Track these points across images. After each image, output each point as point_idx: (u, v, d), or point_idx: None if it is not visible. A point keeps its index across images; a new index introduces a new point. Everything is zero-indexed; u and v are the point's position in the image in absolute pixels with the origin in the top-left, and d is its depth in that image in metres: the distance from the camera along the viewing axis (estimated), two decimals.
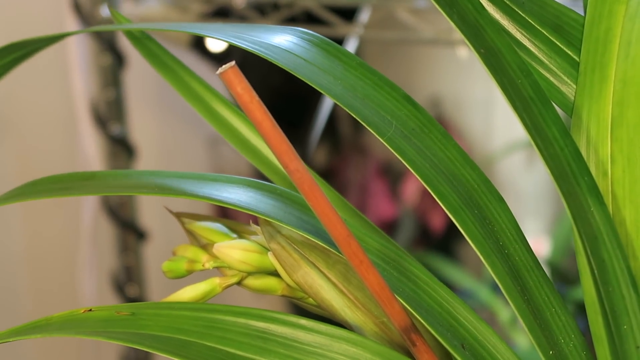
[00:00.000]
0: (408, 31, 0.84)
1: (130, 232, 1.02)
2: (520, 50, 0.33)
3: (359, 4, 0.90)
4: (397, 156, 0.30)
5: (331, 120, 1.33)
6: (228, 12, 0.94)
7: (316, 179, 0.37)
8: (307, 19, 0.90)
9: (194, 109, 0.39)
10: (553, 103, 0.31)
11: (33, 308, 1.14)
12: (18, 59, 0.38)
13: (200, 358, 0.28)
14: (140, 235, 1.03)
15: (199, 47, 1.02)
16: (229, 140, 0.39)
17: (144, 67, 0.44)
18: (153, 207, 1.10)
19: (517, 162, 1.46)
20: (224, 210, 1.16)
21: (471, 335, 0.31)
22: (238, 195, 0.32)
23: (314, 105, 1.13)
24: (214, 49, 1.02)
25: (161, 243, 1.08)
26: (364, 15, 0.92)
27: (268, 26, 0.34)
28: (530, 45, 0.33)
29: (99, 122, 0.97)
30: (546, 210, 1.48)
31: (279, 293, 0.35)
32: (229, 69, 0.23)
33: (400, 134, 0.31)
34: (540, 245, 1.34)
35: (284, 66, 0.30)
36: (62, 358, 1.17)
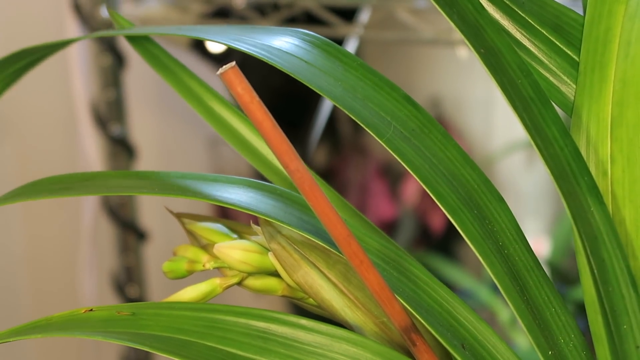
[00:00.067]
0: (408, 31, 0.84)
1: (130, 233, 1.02)
2: (520, 50, 0.33)
3: (359, 4, 0.90)
4: (396, 157, 0.30)
5: (331, 121, 1.33)
6: (228, 13, 0.94)
7: (316, 179, 0.37)
8: (307, 20, 0.90)
9: (194, 110, 0.39)
10: (553, 103, 0.31)
11: (33, 308, 1.14)
12: (28, 65, 0.38)
13: (200, 358, 0.28)
14: (141, 236, 1.03)
15: (199, 48, 1.02)
16: (228, 141, 0.39)
17: (144, 68, 0.44)
18: (153, 208, 1.10)
19: (517, 162, 1.46)
20: (224, 210, 1.16)
21: (471, 335, 0.31)
22: (238, 195, 0.32)
23: (314, 106, 1.13)
24: (214, 49, 1.02)
25: (161, 243, 1.08)
26: (364, 15, 0.92)
27: (269, 28, 0.34)
28: (530, 45, 0.33)
29: (99, 123, 0.98)
30: (546, 210, 1.48)
31: (279, 293, 0.35)
32: (229, 70, 0.23)
33: (399, 134, 0.31)
34: (540, 245, 1.34)
35: (284, 69, 0.30)
36: (63, 358, 1.17)
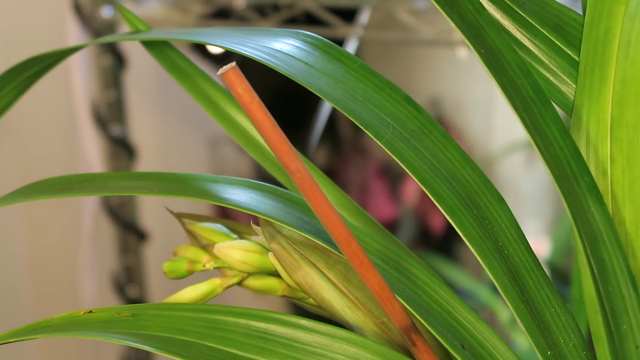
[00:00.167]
0: (408, 32, 0.84)
1: (130, 233, 1.02)
2: (521, 50, 0.33)
3: (359, 5, 0.90)
4: (395, 158, 0.30)
5: (331, 121, 1.33)
6: (228, 13, 0.94)
7: (318, 175, 0.37)
8: (307, 20, 0.90)
9: (201, 107, 0.39)
10: (553, 103, 0.31)
11: (34, 309, 1.14)
12: (38, 73, 0.38)
13: (201, 358, 0.28)
14: (141, 236, 1.03)
15: (200, 48, 1.02)
16: (233, 136, 0.38)
17: (145, 68, 0.44)
18: (153, 208, 1.10)
19: (517, 163, 1.46)
20: (224, 211, 1.16)
21: (471, 335, 0.31)
22: (239, 196, 0.32)
23: (315, 106, 1.13)
24: (215, 49, 1.02)
25: (162, 244, 1.08)
26: (364, 16, 0.92)
27: (270, 30, 0.34)
28: (530, 45, 0.33)
29: (100, 123, 0.98)
30: (546, 211, 1.48)
31: (279, 293, 0.35)
32: (229, 70, 0.23)
33: (399, 136, 0.31)
34: (540, 245, 1.34)
35: (284, 72, 0.30)
36: (63, 359, 1.17)
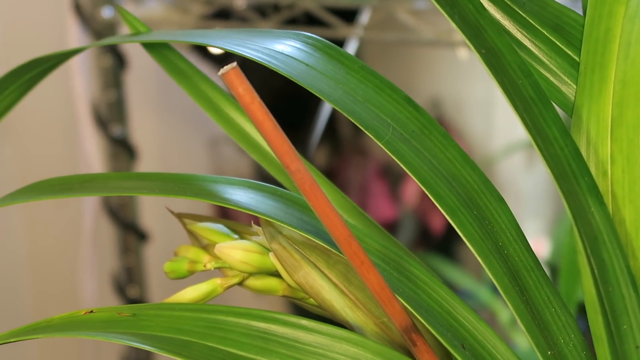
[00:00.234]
0: (408, 32, 0.84)
1: (131, 233, 1.02)
2: (521, 51, 0.33)
3: (359, 5, 0.90)
4: (395, 159, 0.30)
5: (331, 122, 1.33)
6: (229, 14, 0.94)
7: (318, 176, 0.37)
8: (308, 21, 0.90)
9: (201, 108, 0.39)
10: (553, 103, 0.31)
11: (34, 309, 1.14)
12: (40, 74, 0.38)
13: (201, 358, 0.28)
14: (141, 236, 1.03)
15: (200, 48, 1.02)
16: (233, 137, 0.38)
17: (145, 69, 0.44)
18: (154, 208, 1.10)
19: (517, 163, 1.46)
20: (224, 211, 1.16)
21: (471, 335, 0.31)
22: (239, 196, 0.33)
23: (315, 107, 1.13)
24: (215, 50, 1.02)
25: (162, 244, 1.08)
26: (364, 16, 0.92)
27: (271, 31, 0.34)
28: (530, 46, 0.33)
29: (100, 124, 0.98)
30: (546, 211, 1.48)
31: (280, 293, 0.35)
32: (230, 70, 0.23)
33: (399, 136, 0.31)
34: (540, 245, 1.34)
35: (284, 73, 0.30)
36: (63, 359, 1.17)
